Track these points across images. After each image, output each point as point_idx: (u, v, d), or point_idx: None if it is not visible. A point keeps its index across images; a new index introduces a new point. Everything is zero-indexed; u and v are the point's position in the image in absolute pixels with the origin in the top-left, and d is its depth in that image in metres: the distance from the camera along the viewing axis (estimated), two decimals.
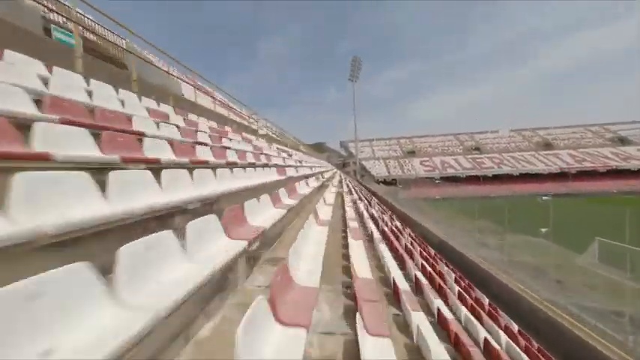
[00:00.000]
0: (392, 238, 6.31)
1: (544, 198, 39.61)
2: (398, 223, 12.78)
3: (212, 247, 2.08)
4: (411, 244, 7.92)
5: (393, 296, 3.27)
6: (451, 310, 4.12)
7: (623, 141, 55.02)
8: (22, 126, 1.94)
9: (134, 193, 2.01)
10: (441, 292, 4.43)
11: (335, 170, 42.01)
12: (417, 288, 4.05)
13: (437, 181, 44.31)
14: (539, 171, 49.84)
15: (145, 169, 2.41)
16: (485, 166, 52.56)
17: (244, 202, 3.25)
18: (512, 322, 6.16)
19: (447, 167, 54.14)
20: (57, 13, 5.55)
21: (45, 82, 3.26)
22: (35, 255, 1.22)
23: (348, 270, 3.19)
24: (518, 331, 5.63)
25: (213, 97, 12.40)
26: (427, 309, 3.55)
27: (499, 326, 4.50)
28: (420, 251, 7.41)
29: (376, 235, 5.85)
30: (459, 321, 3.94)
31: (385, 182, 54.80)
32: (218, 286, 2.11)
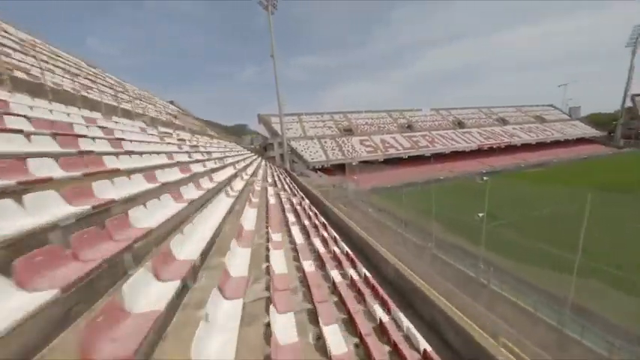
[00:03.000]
0: None
1: None
2: None
3: None
4: None
5: None
6: None
7: (504, 121, 65.77)
8: None
9: None
10: None
11: (253, 158, 25.21)
12: None
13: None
14: (463, 148, 51.05)
15: None
16: (422, 145, 49.42)
17: None
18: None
19: (388, 147, 47.47)
20: None
21: None
22: None
23: None
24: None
25: None
26: None
27: None
28: None
29: None
30: None
31: (324, 170, 42.33)
32: None
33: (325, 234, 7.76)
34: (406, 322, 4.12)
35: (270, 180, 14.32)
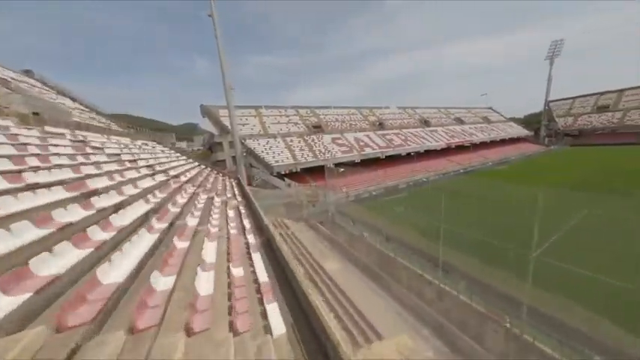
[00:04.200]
0: None
1: None
2: None
3: None
4: None
5: None
6: None
7: (461, 121, 68.47)
8: None
9: None
10: None
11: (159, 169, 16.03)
12: None
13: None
14: (434, 147, 49.47)
15: None
16: (397, 144, 45.68)
17: None
18: None
19: (363, 146, 42.02)
20: None
21: None
22: None
23: None
24: None
25: None
26: None
27: None
28: None
29: None
30: None
31: (293, 176, 34.12)
32: None
33: None
34: None
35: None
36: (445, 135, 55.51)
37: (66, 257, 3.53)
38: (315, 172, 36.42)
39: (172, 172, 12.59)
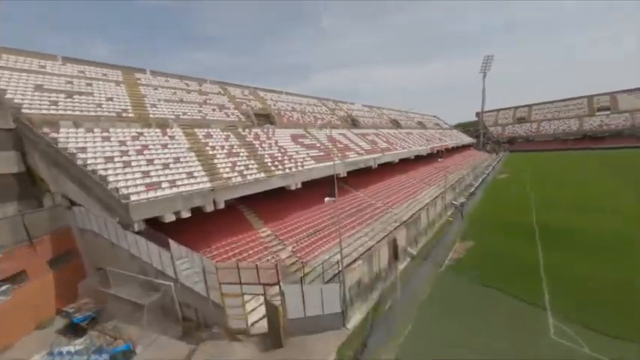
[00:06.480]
0: None
1: None
2: None
3: None
4: None
5: None
6: None
7: (423, 125, 61.98)
8: None
9: None
10: None
11: None
12: None
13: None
14: (422, 152, 37.94)
15: None
16: (382, 147, 31.51)
17: None
18: None
19: (343, 150, 25.67)
20: None
21: None
22: None
23: None
24: None
25: None
26: None
27: None
28: None
29: None
30: None
31: (197, 220, 14.03)
32: None
33: None
34: None
35: None
36: (421, 139, 45.69)
37: None
38: (261, 200, 17.44)
39: None
